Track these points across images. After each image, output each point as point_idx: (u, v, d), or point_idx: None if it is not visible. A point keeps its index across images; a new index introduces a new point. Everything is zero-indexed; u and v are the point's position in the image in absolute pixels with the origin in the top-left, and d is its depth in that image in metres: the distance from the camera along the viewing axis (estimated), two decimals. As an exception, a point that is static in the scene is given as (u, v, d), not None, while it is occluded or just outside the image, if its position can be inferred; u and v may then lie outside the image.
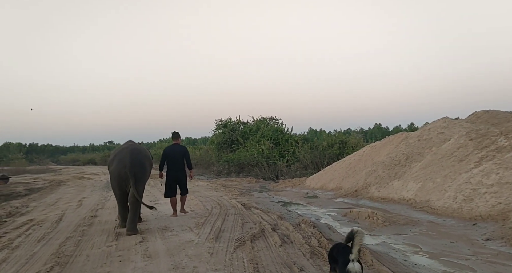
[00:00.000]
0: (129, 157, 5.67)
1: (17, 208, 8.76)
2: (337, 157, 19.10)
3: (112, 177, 5.79)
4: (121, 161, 5.66)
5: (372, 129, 62.00)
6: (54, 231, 5.79)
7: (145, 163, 5.97)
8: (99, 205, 8.77)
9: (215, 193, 11.51)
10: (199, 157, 27.60)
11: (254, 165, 20.06)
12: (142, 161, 5.86)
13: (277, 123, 23.69)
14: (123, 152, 5.85)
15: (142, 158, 5.94)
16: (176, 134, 7.19)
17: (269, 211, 7.29)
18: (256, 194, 11.50)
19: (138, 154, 5.89)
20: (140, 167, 5.73)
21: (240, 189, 13.61)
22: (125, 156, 5.71)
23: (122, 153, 5.85)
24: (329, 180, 11.42)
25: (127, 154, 5.73)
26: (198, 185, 14.76)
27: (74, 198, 10.74)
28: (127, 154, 5.73)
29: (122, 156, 5.77)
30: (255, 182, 16.64)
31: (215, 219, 6.50)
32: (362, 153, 11.45)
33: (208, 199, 9.57)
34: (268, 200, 9.78)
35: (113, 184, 5.79)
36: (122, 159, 5.70)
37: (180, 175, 6.95)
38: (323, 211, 7.60)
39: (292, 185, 13.69)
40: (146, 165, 5.99)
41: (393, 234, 5.13)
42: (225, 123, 23.72)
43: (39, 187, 14.93)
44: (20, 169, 27.08)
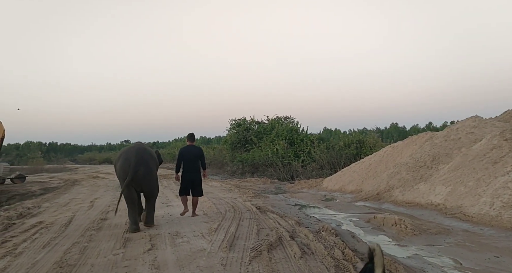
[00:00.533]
0: (134, 155, 5.70)
1: (29, 208, 8.59)
2: (354, 157, 18.47)
3: (119, 176, 5.80)
4: (126, 160, 5.69)
5: (389, 129, 60.62)
6: (61, 236, 5.50)
7: (150, 162, 5.96)
8: (110, 207, 8.50)
9: (229, 194, 11.14)
10: (213, 157, 27.35)
11: (269, 165, 19.63)
12: (147, 160, 5.86)
13: (292, 123, 23.19)
14: (129, 152, 5.88)
15: (147, 157, 5.94)
16: (191, 136, 7.16)
17: (286, 216, 6.85)
18: (271, 195, 11.07)
19: (144, 154, 5.89)
20: (145, 165, 5.73)
21: (255, 190, 13.20)
22: (130, 155, 5.75)
23: (128, 152, 5.88)
24: (347, 181, 10.89)
25: (132, 153, 5.77)
26: (212, 185, 14.43)
27: (86, 198, 10.55)
28: (132, 153, 5.77)
29: (127, 155, 5.80)
30: (270, 183, 16.21)
31: (229, 224, 6.10)
32: (382, 153, 10.87)
33: (221, 201, 9.20)
34: (284, 202, 9.33)
35: (121, 183, 5.76)
36: (127, 158, 5.73)
37: (195, 175, 6.91)
38: (343, 216, 7.11)
39: (309, 186, 13.20)
40: (151, 164, 5.97)
41: (426, 245, 4.61)
42: (239, 122, 23.36)
43: (54, 187, 14.90)
44: (38, 168, 27.44)
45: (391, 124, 62.89)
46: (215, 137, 54.98)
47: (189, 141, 7.11)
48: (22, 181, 16.30)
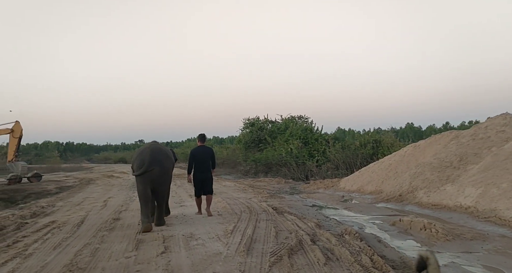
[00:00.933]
0: (149, 155, 5.80)
1: (43, 207, 8.49)
2: (370, 157, 17.97)
3: (136, 175, 5.81)
4: (143, 160, 5.78)
5: (404, 128, 59.38)
6: (73, 236, 5.31)
7: (165, 161, 6.03)
8: (123, 206, 8.33)
9: (243, 194, 10.85)
10: (226, 156, 27.15)
11: (283, 164, 19.29)
12: (162, 159, 5.94)
13: (306, 122, 22.78)
14: (145, 151, 5.96)
15: (163, 156, 6.03)
16: (202, 137, 7.24)
17: (304, 217, 6.51)
18: (287, 196, 10.73)
19: (159, 153, 5.99)
20: (160, 165, 5.82)
21: (269, 190, 12.89)
22: (146, 155, 5.84)
23: (144, 152, 5.96)
24: (366, 182, 10.46)
25: (148, 153, 5.87)
26: (226, 185, 14.18)
27: (100, 197, 10.43)
28: (148, 153, 5.87)
29: (144, 154, 5.89)
30: (284, 183, 15.87)
31: (245, 225, 5.81)
32: (403, 153, 10.40)
33: (236, 201, 8.92)
34: (301, 203, 8.99)
35: (137, 182, 5.84)
36: (143, 157, 5.82)
37: (206, 175, 6.96)
38: (365, 218, 6.72)
39: (325, 187, 12.81)
40: (167, 164, 6.06)
41: (462, 252, 4.21)
42: (252, 122, 23.09)
43: (69, 185, 14.92)
44: (55, 167, 27.74)
45: (407, 124, 61.59)
46: (227, 137, 54.89)
47: (200, 142, 7.19)
48: (38, 180, 16.40)
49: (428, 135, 47.69)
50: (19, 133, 17.19)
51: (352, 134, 41.08)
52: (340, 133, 41.16)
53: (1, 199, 12.67)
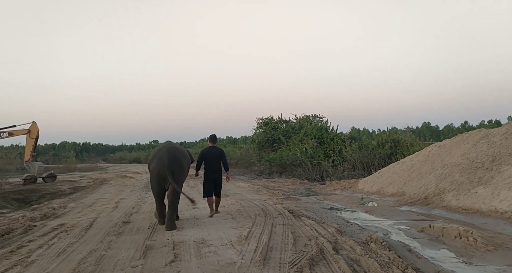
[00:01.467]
0: (167, 155, 5.85)
1: (54, 209, 8.31)
2: (388, 157, 17.33)
3: (152, 175, 5.93)
4: (160, 159, 5.83)
5: (421, 128, 57.88)
6: (79, 241, 5.02)
7: (183, 161, 6.09)
8: (135, 208, 8.06)
9: (258, 195, 10.46)
10: (239, 156, 26.84)
11: (297, 165, 18.82)
12: (179, 159, 6.00)
13: (321, 122, 22.22)
14: (162, 151, 6.01)
15: (180, 156, 6.08)
16: (213, 137, 7.33)
17: (323, 222, 6.07)
18: (303, 198, 10.28)
19: (176, 152, 6.05)
20: (178, 164, 5.88)
21: (284, 191, 12.47)
22: (163, 154, 5.89)
23: (161, 151, 6.02)
24: (387, 183, 9.91)
25: (165, 153, 5.91)
26: (239, 186, 13.83)
27: (112, 198, 10.22)
28: (165, 153, 5.91)
29: (160, 154, 5.94)
30: (299, 183, 15.41)
31: (260, 230, 5.41)
32: (427, 153, 9.80)
33: (250, 203, 8.53)
34: (318, 205, 8.53)
35: (152, 182, 5.94)
36: (160, 157, 5.87)
37: (216, 176, 7.08)
38: (389, 223, 6.23)
39: (342, 188, 12.29)
40: (184, 163, 6.11)
41: (508, 265, 3.71)
42: (266, 121, 22.67)
43: (83, 186, 14.84)
44: (71, 167, 28.03)
45: (423, 123, 60.02)
46: (241, 137, 54.67)
47: (211, 142, 7.29)
48: (53, 180, 16.42)
49: (445, 134, 46.22)
50: (35, 133, 17.32)
51: (367, 134, 40.20)
52: (354, 133, 40.32)
53: (17, 199, 12.66)
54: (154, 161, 5.93)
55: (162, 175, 5.76)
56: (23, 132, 17.17)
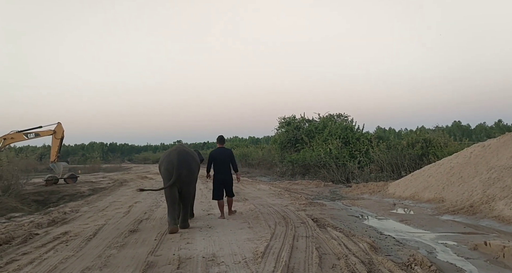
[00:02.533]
0: (176, 158, 5.91)
1: (65, 213, 7.90)
2: (419, 158, 16.09)
3: (163, 177, 6.03)
4: (170, 162, 5.90)
5: (451, 127, 55.03)
6: (76, 256, 4.46)
7: (192, 164, 6.14)
8: (147, 214, 7.51)
9: (279, 200, 9.70)
10: (261, 157, 26.13)
11: (321, 166, 17.87)
12: (189, 162, 6.05)
13: (346, 121, 21.12)
14: (172, 154, 6.04)
15: (190, 159, 6.12)
16: (221, 138, 7.28)
17: (353, 234, 5.24)
18: (328, 202, 9.43)
19: (186, 156, 6.08)
20: (187, 167, 5.93)
21: (308, 194, 11.63)
22: (173, 157, 5.94)
23: (171, 154, 6.05)
24: (422, 187, 8.89)
25: (175, 156, 5.96)
26: (260, 188, 13.11)
27: (127, 202, 9.77)
28: (175, 156, 5.96)
29: (171, 157, 5.97)
30: (323, 186, 14.50)
31: (279, 245, 4.67)
32: (468, 154, 8.70)
33: (270, 209, 7.79)
34: (346, 212, 7.67)
35: (165, 184, 5.93)
36: (170, 160, 5.92)
37: (226, 177, 7.00)
38: (432, 237, 5.31)
39: (370, 192, 11.31)
40: (193, 166, 6.16)
41: None
42: (288, 121, 21.81)
43: (102, 187, 14.61)
44: (95, 167, 28.32)
45: (453, 122, 57.07)
46: (263, 137, 54.04)
47: (219, 143, 7.22)
48: (74, 181, 16.35)
49: (478, 134, 43.62)
50: (60, 134, 17.40)
51: (393, 134, 38.39)
52: (380, 132, 38.66)
53: (36, 200, 12.52)
54: (164, 163, 6.00)
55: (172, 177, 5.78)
56: (48, 133, 17.30)
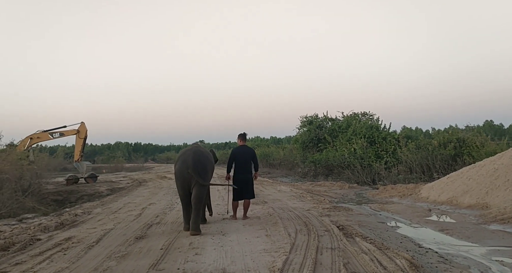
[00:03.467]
0: (191, 158, 5.70)
1: (76, 215, 7.54)
2: (452, 158, 14.88)
3: (176, 177, 5.85)
4: (184, 162, 5.72)
5: (482, 126, 52.09)
6: (70, 267, 3.95)
7: (207, 165, 5.93)
8: (158, 217, 7.01)
9: (300, 203, 8.99)
10: (283, 157, 25.41)
11: (345, 166, 16.97)
12: (204, 163, 5.84)
13: (371, 119, 20.04)
14: (187, 154, 5.87)
15: (205, 160, 5.91)
16: (244, 136, 6.79)
17: (386, 247, 4.47)
18: (354, 207, 8.62)
19: (201, 156, 5.87)
20: (202, 168, 5.72)
21: (331, 197, 10.84)
22: (188, 157, 5.76)
23: (186, 154, 5.88)
24: (461, 191, 7.93)
25: (190, 155, 5.77)
26: (280, 190, 12.43)
27: (142, 203, 9.35)
28: (190, 155, 5.77)
29: (185, 157, 5.82)
30: (348, 188, 13.63)
31: (300, 259, 3.99)
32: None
33: (291, 214, 7.11)
34: (375, 218, 6.87)
35: (177, 184, 5.86)
36: (185, 160, 5.76)
37: (248, 177, 6.61)
38: (482, 252, 4.46)
39: (400, 195, 10.38)
40: (208, 167, 5.94)
41: None
42: (310, 120, 20.97)
43: (121, 187, 14.39)
44: (118, 166, 28.54)
45: (485, 121, 54.00)
46: (285, 137, 53.19)
47: (241, 141, 6.76)
48: (94, 181, 16.27)
49: (511, 134, 40.96)
50: (84, 134, 17.46)
51: (420, 133, 36.54)
52: (406, 132, 36.91)
53: (56, 200, 12.40)
54: (179, 163, 5.82)
55: (186, 177, 5.61)
56: (72, 132, 17.40)
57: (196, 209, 5.57)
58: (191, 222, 5.52)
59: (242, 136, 6.75)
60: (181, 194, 5.77)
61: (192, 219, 5.51)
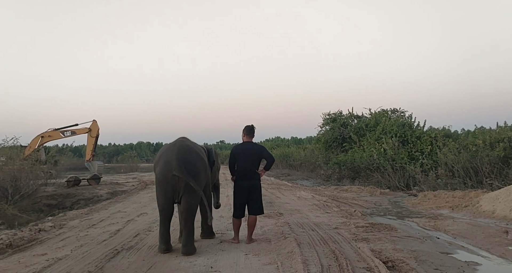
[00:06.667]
0: (176, 156, 4.23)
1: (40, 231, 5.87)
2: (501, 161, 12.36)
3: (157, 182, 4.34)
4: (167, 163, 4.25)
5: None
6: None
7: (198, 164, 4.39)
8: (137, 237, 5.23)
9: (325, 216, 7.01)
10: (303, 158, 23.35)
11: (374, 169, 14.77)
12: (193, 161, 4.34)
13: (402, 116, 17.67)
14: (170, 151, 4.39)
15: (194, 158, 4.39)
16: (250, 129, 4.92)
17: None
18: (395, 222, 6.56)
19: (189, 153, 4.37)
20: (191, 169, 4.21)
21: (362, 207, 8.79)
22: (171, 156, 4.27)
23: (169, 152, 4.38)
24: (549, 207, 5.69)
25: (173, 153, 4.29)
26: (300, 197, 10.44)
27: (132, 213, 7.67)
28: (173, 153, 4.29)
29: (168, 156, 4.32)
30: (380, 194, 11.49)
31: None
32: None
33: (313, 235, 5.16)
34: (434, 246, 4.78)
35: (157, 191, 4.35)
36: (168, 159, 4.27)
37: (253, 184, 4.75)
38: None
39: (450, 206, 8.20)
40: (199, 167, 4.40)
41: None
42: (334, 117, 18.79)
43: (123, 190, 12.83)
44: (133, 166, 27.40)
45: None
46: (306, 137, 50.99)
47: (246, 136, 4.91)
48: (97, 182, 14.89)
49: None
50: (95, 132, 16.36)
51: (456, 135, 33.36)
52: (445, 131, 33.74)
53: (49, 205, 10.99)
54: (160, 164, 4.33)
55: (171, 182, 4.19)
56: (84, 131, 16.39)
57: (187, 226, 4.28)
58: (182, 244, 4.25)
59: (247, 130, 4.93)
60: (161, 203, 4.31)
61: (184, 240, 4.24)
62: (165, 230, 4.32)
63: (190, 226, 4.31)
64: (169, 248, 4.33)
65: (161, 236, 4.33)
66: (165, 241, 4.32)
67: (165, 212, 4.31)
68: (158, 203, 4.39)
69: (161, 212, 4.37)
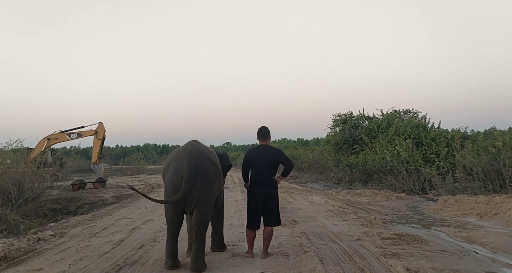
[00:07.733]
0: (187, 162, 3.79)
1: (39, 241, 5.43)
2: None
3: (166, 191, 3.90)
4: (177, 170, 3.80)
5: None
6: None
7: (210, 171, 3.91)
8: (142, 249, 4.75)
9: (343, 224, 6.47)
10: (312, 160, 22.77)
11: (387, 171, 14.17)
12: (205, 167, 3.88)
13: (416, 118, 17.03)
14: (180, 156, 3.90)
15: (207, 163, 3.93)
16: (265, 132, 4.43)
17: None
18: (420, 231, 6.00)
19: (200, 159, 3.89)
20: (202, 176, 3.79)
21: (381, 213, 8.23)
22: (182, 162, 3.81)
23: (179, 157, 3.90)
24: None
25: (184, 159, 3.82)
26: (313, 201, 9.89)
27: (137, 219, 7.20)
28: (184, 159, 3.82)
29: (178, 162, 3.85)
30: (395, 198, 10.90)
31: None
32: None
33: (335, 248, 4.63)
34: (475, 263, 4.21)
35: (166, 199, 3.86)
36: (178, 166, 3.82)
37: (269, 193, 4.25)
38: None
39: (476, 212, 7.60)
40: (211, 173, 3.91)
41: None
42: (344, 118, 18.22)
43: (129, 194, 12.40)
44: (139, 168, 27.01)
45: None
46: (312, 139, 50.39)
47: (261, 140, 4.44)
48: (102, 186, 14.50)
49: None
50: (102, 134, 16.05)
51: (474, 136, 32.49)
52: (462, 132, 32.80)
53: (53, 209, 10.60)
54: (170, 172, 3.91)
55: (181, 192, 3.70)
56: (90, 133, 16.08)
57: (198, 239, 3.82)
58: (192, 259, 3.78)
59: (259, 133, 4.44)
60: (170, 214, 3.88)
61: (194, 255, 3.77)
62: (172, 242, 3.88)
63: (202, 240, 3.84)
64: (176, 263, 3.89)
65: (168, 250, 3.89)
66: (172, 255, 3.87)
67: (173, 223, 3.87)
68: (166, 214, 3.94)
69: (169, 223, 3.92)
